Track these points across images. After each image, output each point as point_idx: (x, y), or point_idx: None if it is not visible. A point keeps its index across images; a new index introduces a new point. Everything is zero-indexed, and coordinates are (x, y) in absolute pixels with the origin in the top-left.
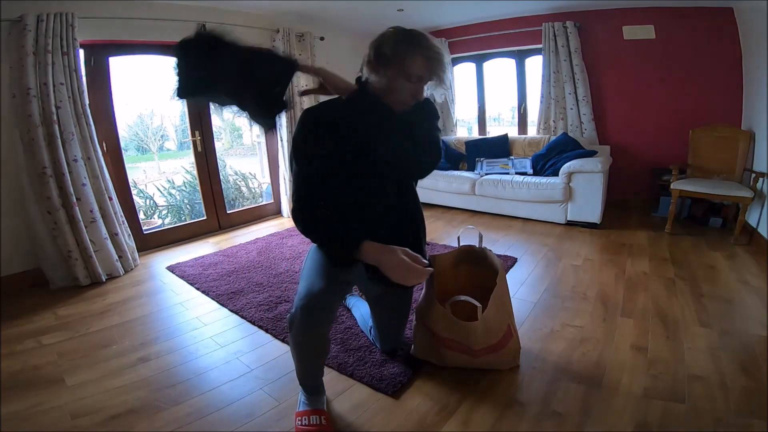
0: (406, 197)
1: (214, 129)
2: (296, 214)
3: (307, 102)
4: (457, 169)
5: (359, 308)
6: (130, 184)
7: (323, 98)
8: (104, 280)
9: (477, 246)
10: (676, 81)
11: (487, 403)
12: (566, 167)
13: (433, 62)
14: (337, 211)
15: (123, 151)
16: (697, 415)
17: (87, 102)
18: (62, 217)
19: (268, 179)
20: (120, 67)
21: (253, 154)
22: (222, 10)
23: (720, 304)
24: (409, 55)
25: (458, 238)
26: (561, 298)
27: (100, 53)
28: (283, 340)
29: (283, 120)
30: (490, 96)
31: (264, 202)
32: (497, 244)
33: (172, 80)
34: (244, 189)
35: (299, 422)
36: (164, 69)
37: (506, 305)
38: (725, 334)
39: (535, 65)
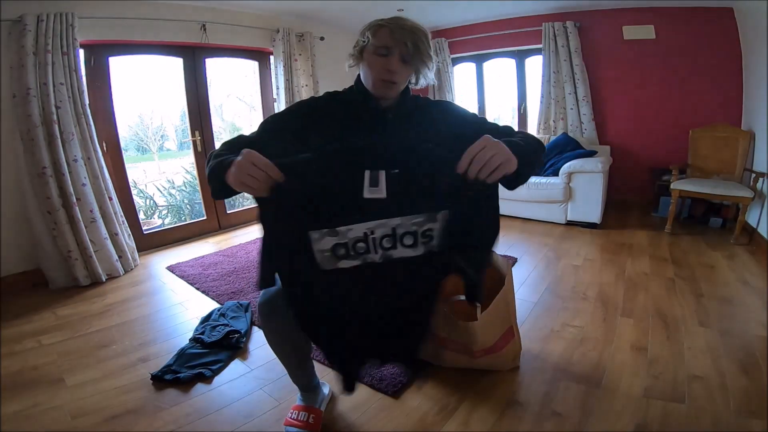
0: None
1: (214, 129)
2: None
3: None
4: None
5: None
6: (130, 184)
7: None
8: (104, 280)
9: None
10: (676, 81)
11: (487, 403)
12: (566, 167)
13: (398, 31)
14: None
15: (123, 151)
16: (697, 415)
17: (87, 102)
18: (62, 217)
19: None
20: (120, 67)
21: None
22: (222, 10)
23: (720, 304)
24: (375, 28)
25: None
26: (561, 298)
27: (100, 53)
28: None
29: None
30: (490, 96)
31: None
32: (497, 244)
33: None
34: None
35: (290, 415)
36: (164, 69)
37: (510, 306)
38: (725, 334)
39: (535, 65)
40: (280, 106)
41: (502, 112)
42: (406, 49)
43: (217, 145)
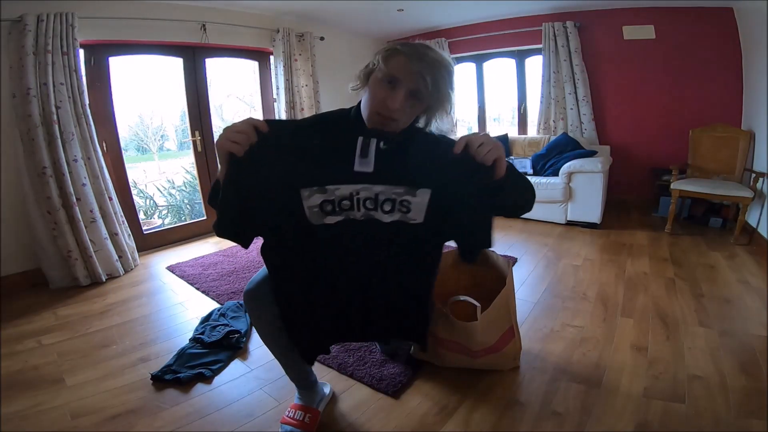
0: None
1: (214, 129)
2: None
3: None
4: None
5: None
6: (130, 184)
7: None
8: (104, 280)
9: None
10: (676, 81)
11: (487, 403)
12: (566, 167)
13: (415, 62)
14: None
15: (123, 151)
16: (697, 415)
17: (87, 102)
18: (62, 217)
19: None
20: (120, 67)
21: None
22: (222, 10)
23: (720, 304)
24: (389, 53)
25: None
26: (561, 298)
27: (100, 53)
28: None
29: (282, 118)
30: (490, 96)
31: None
32: (497, 244)
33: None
34: None
35: (287, 413)
36: (164, 69)
37: (511, 306)
38: (725, 334)
39: (535, 65)
40: (280, 105)
41: (502, 112)
42: (423, 83)
43: None
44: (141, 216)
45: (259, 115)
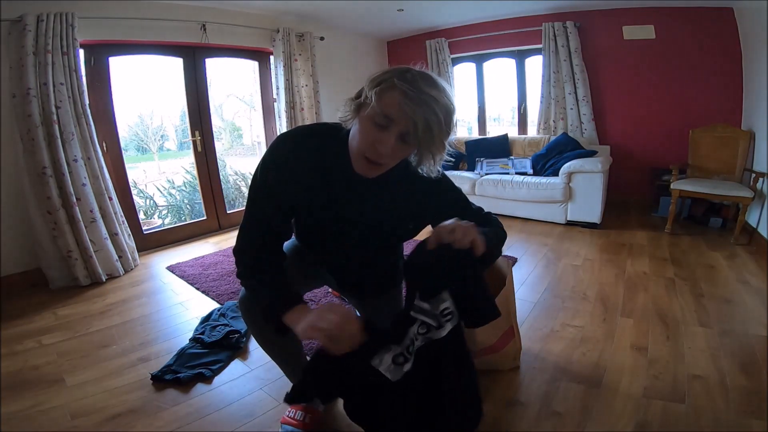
0: (380, 258)
1: (214, 129)
2: (238, 256)
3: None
4: (457, 168)
5: None
6: (130, 184)
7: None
8: (104, 280)
9: None
10: (676, 81)
11: (487, 403)
12: (566, 167)
13: (412, 101)
14: (280, 261)
15: (123, 151)
16: (697, 415)
17: (87, 102)
18: (62, 217)
19: None
20: (120, 67)
21: (253, 154)
22: (222, 10)
23: (720, 304)
24: (383, 88)
25: None
26: (561, 298)
27: (100, 53)
28: None
29: (282, 121)
30: (490, 96)
31: None
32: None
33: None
34: (244, 189)
35: (287, 413)
36: (164, 69)
37: (511, 306)
38: (725, 334)
39: (535, 65)
40: (280, 105)
41: (502, 112)
42: (413, 127)
43: (217, 145)
44: (141, 216)
45: (259, 116)
